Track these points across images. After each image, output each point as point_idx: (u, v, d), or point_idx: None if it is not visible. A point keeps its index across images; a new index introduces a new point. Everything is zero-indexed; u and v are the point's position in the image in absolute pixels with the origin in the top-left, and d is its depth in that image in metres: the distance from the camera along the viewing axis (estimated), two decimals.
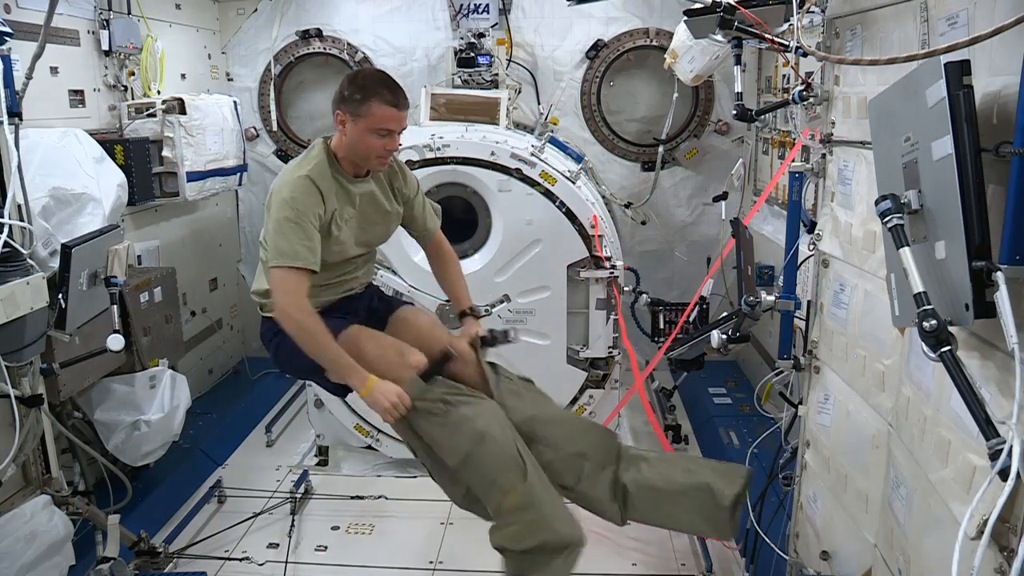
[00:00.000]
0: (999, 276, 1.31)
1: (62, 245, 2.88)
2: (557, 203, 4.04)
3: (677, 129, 5.60)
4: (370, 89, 2.54)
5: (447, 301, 4.16)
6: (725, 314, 3.18)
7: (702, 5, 2.73)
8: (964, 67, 1.40)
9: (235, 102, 5.23)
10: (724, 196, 4.92)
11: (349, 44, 5.64)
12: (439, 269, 3.03)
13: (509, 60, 5.46)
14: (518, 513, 2.53)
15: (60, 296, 2.82)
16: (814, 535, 2.57)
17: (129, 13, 4.52)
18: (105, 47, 4.33)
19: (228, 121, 5.02)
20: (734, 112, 3.06)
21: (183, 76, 5.24)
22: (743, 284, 2.73)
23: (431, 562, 3.69)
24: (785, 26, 2.70)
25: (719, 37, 2.82)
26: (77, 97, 4.15)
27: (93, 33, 4.29)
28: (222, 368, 5.78)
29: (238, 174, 5.21)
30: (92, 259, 3.00)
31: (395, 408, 2.53)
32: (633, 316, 5.06)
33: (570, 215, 4.05)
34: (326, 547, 3.82)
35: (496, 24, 5.32)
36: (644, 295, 4.87)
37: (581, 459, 2.72)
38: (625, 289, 4.31)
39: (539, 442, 2.70)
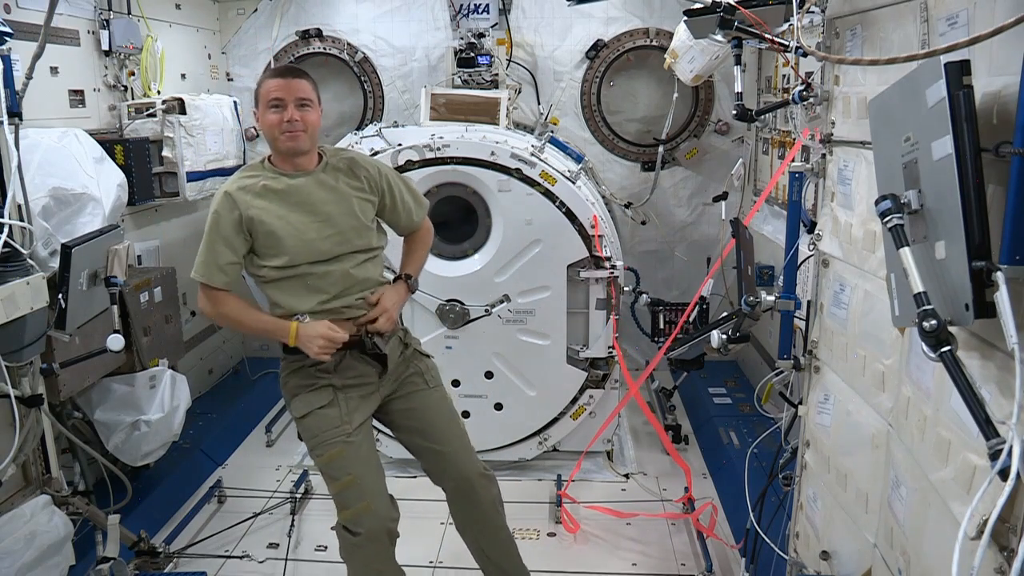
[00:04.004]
0: (999, 276, 1.31)
1: (62, 245, 2.88)
2: (557, 203, 4.04)
3: (677, 129, 5.60)
4: (261, 79, 2.69)
5: (448, 300, 4.18)
6: (725, 314, 3.17)
7: (702, 5, 2.73)
8: (964, 67, 1.40)
9: (235, 102, 5.24)
10: (724, 196, 4.92)
11: (349, 44, 5.65)
12: (410, 243, 3.03)
13: (509, 60, 5.46)
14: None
15: (60, 296, 2.82)
16: (814, 535, 2.57)
17: (129, 13, 4.52)
18: (105, 47, 4.33)
19: (228, 121, 5.02)
20: (734, 112, 3.06)
21: (183, 76, 5.24)
22: (743, 284, 2.73)
23: (431, 562, 3.68)
24: (785, 26, 2.69)
25: (719, 37, 2.81)
26: (77, 97, 4.15)
27: (93, 33, 4.29)
28: (222, 368, 5.78)
29: None
30: (92, 259, 3.00)
31: (327, 342, 2.65)
32: (633, 316, 5.06)
33: (570, 215, 4.05)
34: (326, 547, 3.82)
35: (496, 24, 5.32)
36: (644, 295, 4.87)
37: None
38: (625, 289, 4.31)
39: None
